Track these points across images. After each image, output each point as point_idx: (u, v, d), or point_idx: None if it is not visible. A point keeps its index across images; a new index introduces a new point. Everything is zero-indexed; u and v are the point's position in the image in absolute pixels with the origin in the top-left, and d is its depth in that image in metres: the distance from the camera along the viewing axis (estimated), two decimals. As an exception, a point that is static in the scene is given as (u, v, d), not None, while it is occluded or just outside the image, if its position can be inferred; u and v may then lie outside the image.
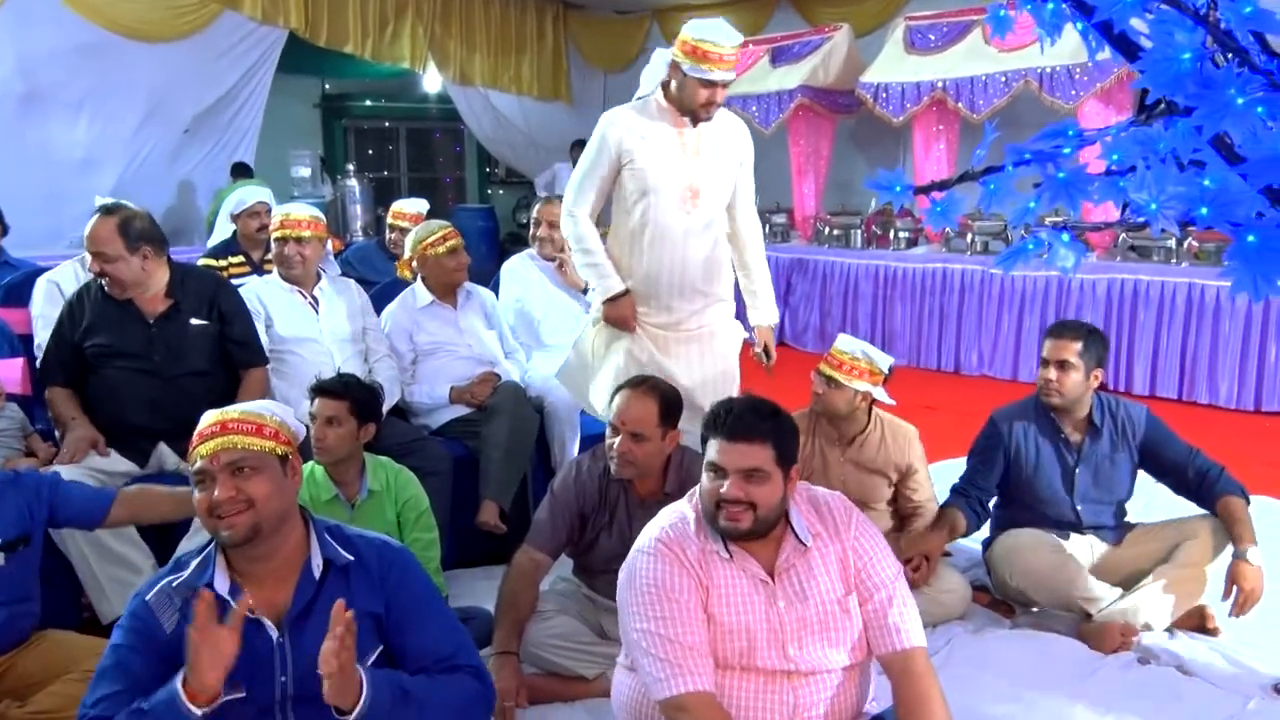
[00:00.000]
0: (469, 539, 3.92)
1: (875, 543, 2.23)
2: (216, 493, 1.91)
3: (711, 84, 3.49)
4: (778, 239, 9.25)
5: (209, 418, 2.01)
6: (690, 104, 3.56)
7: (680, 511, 2.27)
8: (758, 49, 9.29)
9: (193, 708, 1.80)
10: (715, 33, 3.44)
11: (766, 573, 2.17)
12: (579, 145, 10.89)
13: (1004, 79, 7.22)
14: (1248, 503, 3.30)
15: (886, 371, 3.47)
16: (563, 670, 2.99)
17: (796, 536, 2.20)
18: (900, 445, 3.55)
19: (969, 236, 7.75)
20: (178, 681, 1.81)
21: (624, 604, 2.20)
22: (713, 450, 2.18)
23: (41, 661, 2.77)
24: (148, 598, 1.94)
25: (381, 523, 3.18)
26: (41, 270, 4.39)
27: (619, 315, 3.64)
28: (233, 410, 2.03)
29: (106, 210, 3.47)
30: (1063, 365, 3.36)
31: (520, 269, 4.70)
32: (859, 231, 8.62)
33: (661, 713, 2.12)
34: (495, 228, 12.68)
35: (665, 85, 3.65)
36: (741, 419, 2.17)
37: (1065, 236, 1.09)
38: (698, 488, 2.27)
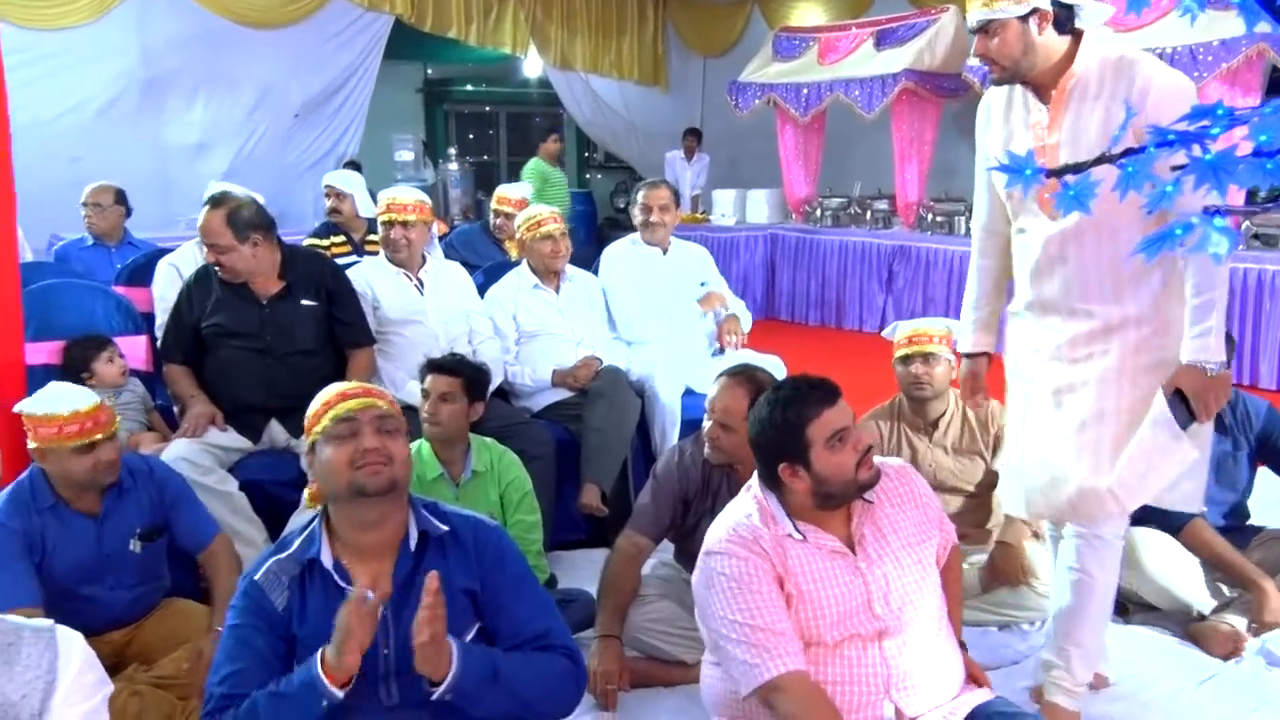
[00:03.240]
0: (570, 522, 3.95)
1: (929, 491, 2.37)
2: (364, 442, 1.96)
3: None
4: (879, 225, 9.11)
5: (343, 385, 2.08)
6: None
7: (743, 509, 2.27)
8: (861, 32, 9.13)
9: (334, 689, 1.84)
10: None
11: (844, 544, 2.20)
12: (692, 133, 10.87)
13: (1119, 61, 6.96)
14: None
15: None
16: (664, 655, 3.00)
17: (863, 499, 2.23)
18: (983, 418, 3.46)
19: (1079, 223, 7.51)
20: (316, 665, 1.84)
21: (704, 605, 2.20)
22: (825, 425, 2.16)
23: (165, 629, 2.89)
24: (256, 577, 1.99)
25: (485, 503, 3.21)
26: (162, 251, 4.53)
27: None
28: (365, 384, 2.12)
29: (214, 202, 3.56)
30: None
31: (621, 255, 4.64)
32: (963, 218, 8.42)
33: (758, 700, 2.11)
34: (593, 212, 12.75)
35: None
36: (822, 383, 2.22)
37: (1219, 221, 1.04)
38: (753, 487, 2.29)
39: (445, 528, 2.05)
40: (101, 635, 2.72)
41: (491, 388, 3.77)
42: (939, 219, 8.59)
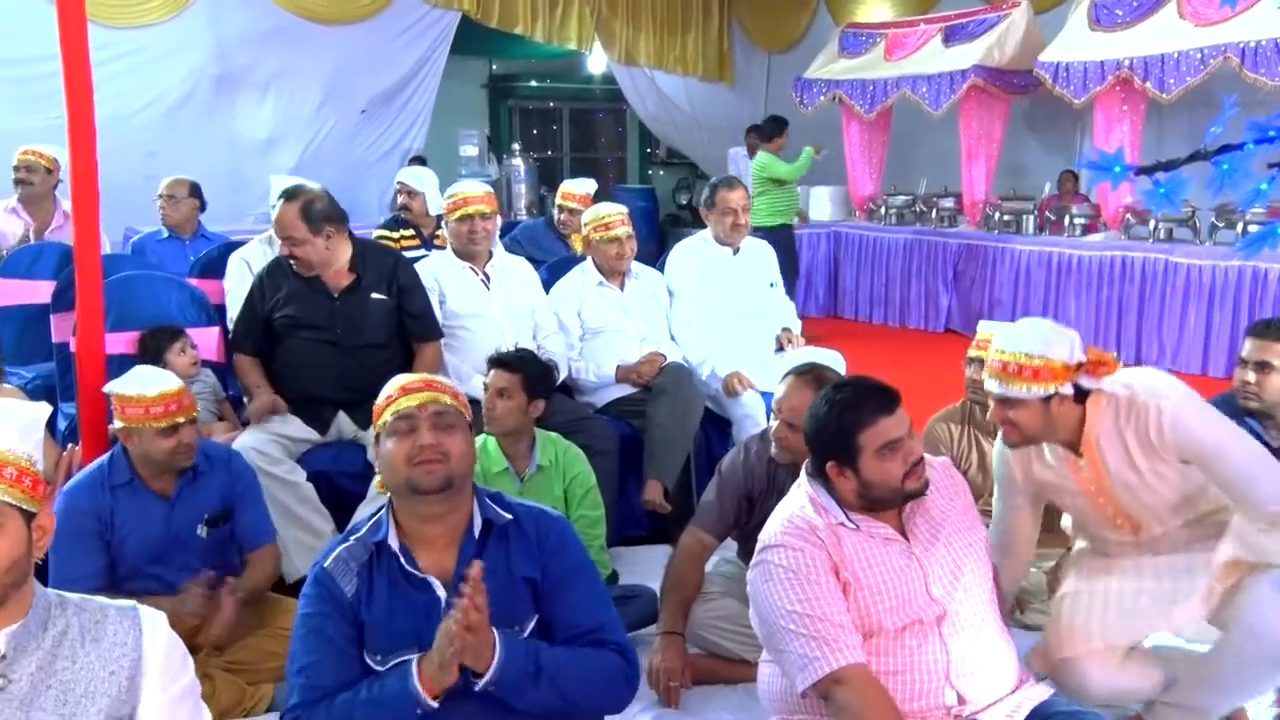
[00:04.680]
0: (633, 518, 3.95)
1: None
2: (421, 439, 1.97)
3: None
4: (944, 224, 9.00)
5: (406, 378, 2.09)
6: None
7: (795, 502, 2.29)
8: (930, 28, 9.02)
9: (429, 700, 1.84)
10: None
11: (897, 532, 2.21)
12: (754, 130, 10.82)
13: (1200, 56, 6.79)
14: None
15: None
16: (726, 652, 2.99)
17: None
18: None
19: (1151, 223, 7.36)
20: (413, 676, 1.85)
21: (761, 599, 2.20)
22: (881, 433, 2.15)
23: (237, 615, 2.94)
24: (325, 564, 2.00)
25: (549, 497, 3.22)
26: (234, 245, 4.61)
27: None
28: (429, 376, 2.13)
29: (289, 195, 3.61)
30: (1263, 367, 3.12)
31: (690, 253, 4.59)
32: (1031, 217, 8.30)
33: (816, 694, 2.10)
34: (655, 208, 12.74)
35: None
36: (882, 389, 2.21)
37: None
38: (801, 483, 2.31)
39: (509, 516, 2.06)
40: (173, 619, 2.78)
41: (557, 382, 3.79)
42: (1006, 217, 8.47)
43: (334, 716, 1.89)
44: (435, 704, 1.85)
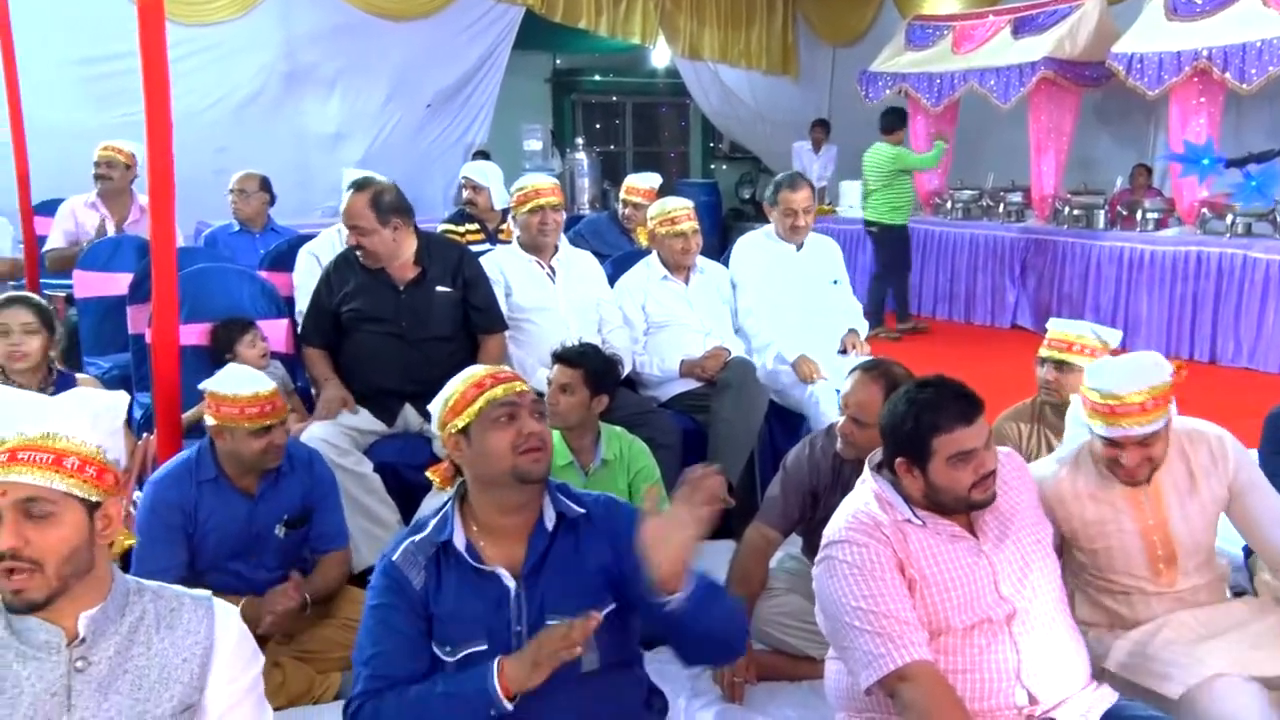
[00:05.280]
0: (696, 512, 3.93)
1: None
2: (526, 426, 1.97)
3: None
4: (1011, 218, 8.85)
5: (484, 367, 2.10)
6: None
7: (860, 498, 2.27)
8: (999, 20, 8.88)
9: (506, 701, 1.85)
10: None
11: (965, 529, 2.19)
12: (820, 124, 10.75)
13: (1284, 44, 6.61)
14: None
15: (1118, 347, 3.27)
16: (791, 649, 2.97)
17: None
18: None
19: (1229, 218, 7.16)
20: (493, 676, 1.86)
21: (826, 595, 2.18)
22: (957, 442, 2.11)
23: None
24: (394, 558, 2.01)
25: (613, 491, 3.20)
26: (304, 238, 4.67)
27: None
28: (503, 367, 2.15)
29: (358, 186, 3.65)
30: None
31: (754, 248, 4.56)
32: (1102, 212, 8.13)
33: (882, 691, 2.08)
34: (718, 203, 12.68)
35: None
36: (967, 398, 2.16)
37: None
38: (865, 476, 2.29)
39: (581, 510, 2.05)
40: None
41: (621, 376, 3.79)
42: (1076, 212, 8.30)
43: (405, 707, 1.90)
44: (510, 705, 1.85)
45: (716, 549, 3.80)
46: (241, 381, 2.86)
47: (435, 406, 2.10)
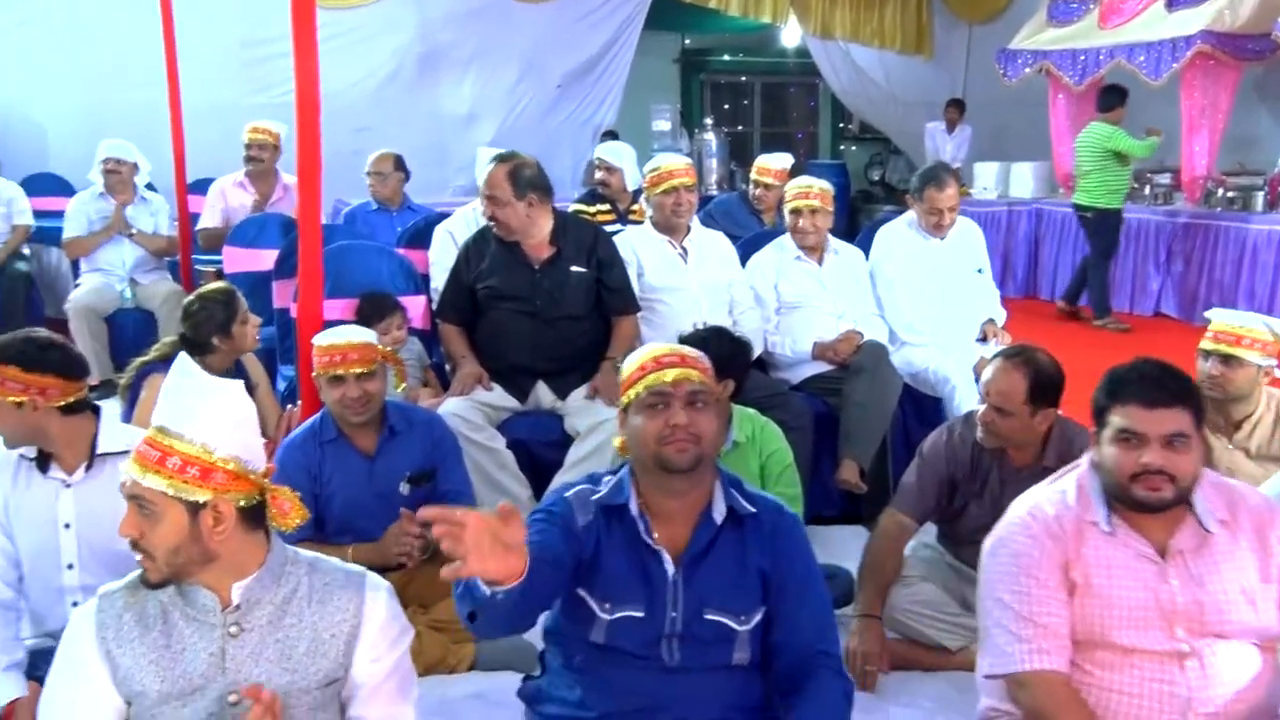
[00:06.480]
0: (826, 497, 3.89)
1: None
2: (674, 418, 1.94)
3: None
4: (1158, 201, 8.47)
5: (658, 348, 2.06)
6: None
7: (1060, 487, 2.14)
8: (1152, -8, 8.49)
9: (485, 587, 1.66)
10: None
11: (1157, 552, 2.01)
12: (954, 104, 10.46)
13: None
14: None
15: None
16: (925, 639, 2.92)
17: (1198, 521, 2.02)
18: None
19: (1404, 201, 6.73)
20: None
21: (985, 571, 2.12)
22: (1126, 418, 1.99)
23: (440, 575, 3.03)
24: (567, 494, 2.02)
25: (745, 474, 3.13)
26: (440, 217, 4.76)
27: None
28: (682, 348, 2.09)
29: (501, 158, 3.70)
30: None
31: (896, 239, 4.44)
32: (1261, 194, 7.70)
33: (1006, 688, 2.04)
34: (846, 184, 12.48)
35: None
36: (1160, 382, 2.00)
37: None
38: (1082, 464, 2.13)
39: (751, 509, 2.02)
40: (379, 575, 2.90)
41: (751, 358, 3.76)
42: (1231, 194, 7.88)
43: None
44: (488, 591, 1.65)
45: (845, 534, 3.78)
46: (335, 334, 2.98)
47: (622, 378, 2.09)
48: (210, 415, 1.66)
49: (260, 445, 1.75)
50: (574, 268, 3.74)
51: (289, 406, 3.58)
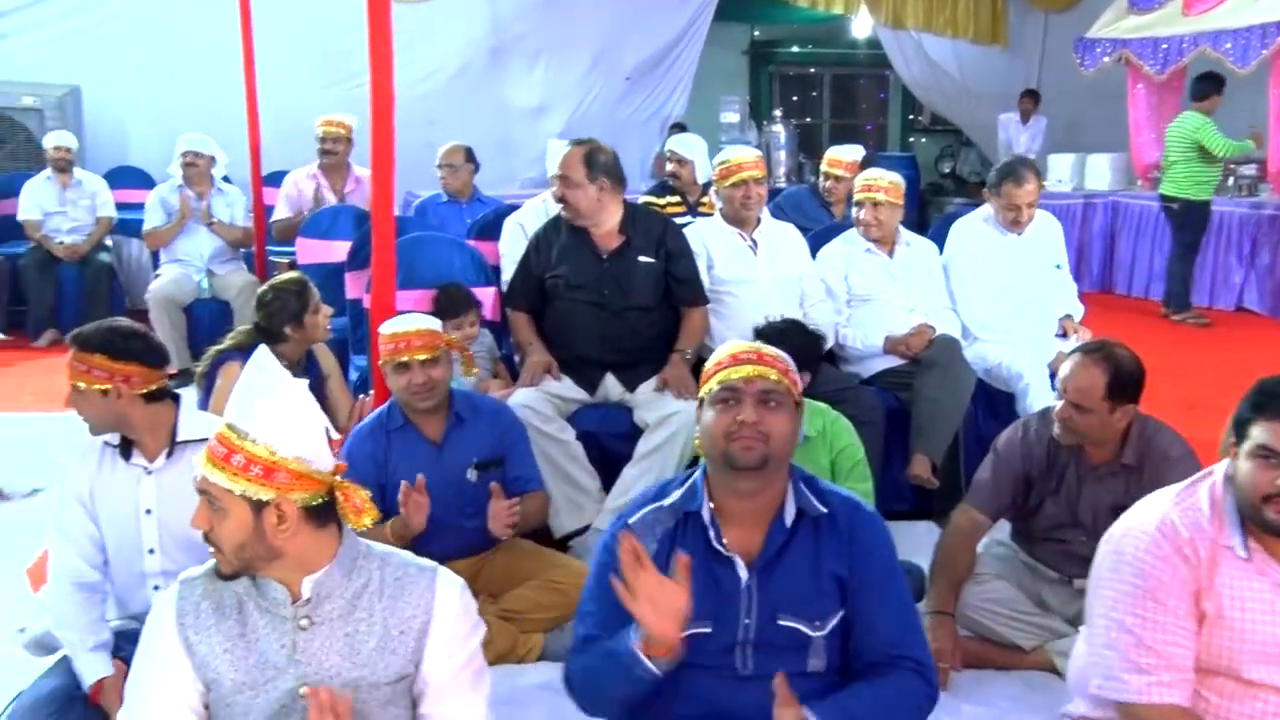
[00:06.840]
0: (897, 492, 3.85)
1: None
2: (743, 415, 1.91)
3: None
4: (1242, 193, 8.25)
5: (738, 345, 2.04)
6: None
7: (1194, 496, 1.99)
8: (1238, -23, 8.24)
9: (651, 665, 1.76)
10: None
11: None
12: (1029, 95, 10.26)
13: None
14: None
15: None
16: (998, 637, 2.88)
17: None
18: None
19: None
20: (633, 638, 1.78)
21: (1100, 579, 2.01)
22: (1270, 433, 1.86)
23: (508, 565, 3.06)
24: (631, 521, 1.98)
25: (815, 468, 3.15)
26: (510, 208, 4.78)
27: None
28: (762, 345, 2.05)
29: (578, 141, 3.73)
30: None
31: (971, 235, 4.34)
32: (1351, 186, 7.46)
33: (1116, 710, 1.96)
34: (916, 177, 12.31)
35: None
36: None
37: None
38: (1216, 473, 2.01)
39: (824, 509, 1.97)
40: (448, 563, 2.91)
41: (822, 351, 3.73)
42: (1319, 187, 7.65)
43: (587, 661, 1.91)
44: (658, 671, 1.77)
45: (916, 529, 3.73)
46: (401, 321, 3.00)
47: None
48: (274, 416, 1.67)
49: (325, 445, 1.74)
50: (642, 258, 3.72)
51: (361, 396, 3.63)
